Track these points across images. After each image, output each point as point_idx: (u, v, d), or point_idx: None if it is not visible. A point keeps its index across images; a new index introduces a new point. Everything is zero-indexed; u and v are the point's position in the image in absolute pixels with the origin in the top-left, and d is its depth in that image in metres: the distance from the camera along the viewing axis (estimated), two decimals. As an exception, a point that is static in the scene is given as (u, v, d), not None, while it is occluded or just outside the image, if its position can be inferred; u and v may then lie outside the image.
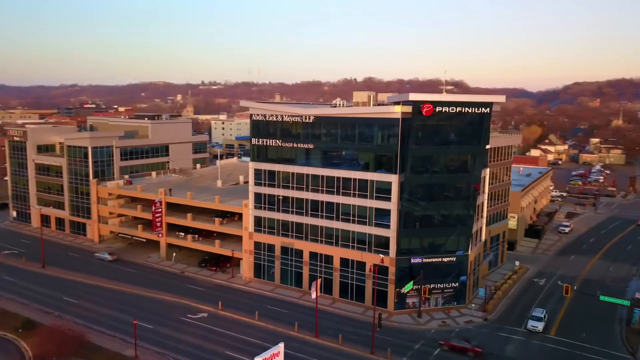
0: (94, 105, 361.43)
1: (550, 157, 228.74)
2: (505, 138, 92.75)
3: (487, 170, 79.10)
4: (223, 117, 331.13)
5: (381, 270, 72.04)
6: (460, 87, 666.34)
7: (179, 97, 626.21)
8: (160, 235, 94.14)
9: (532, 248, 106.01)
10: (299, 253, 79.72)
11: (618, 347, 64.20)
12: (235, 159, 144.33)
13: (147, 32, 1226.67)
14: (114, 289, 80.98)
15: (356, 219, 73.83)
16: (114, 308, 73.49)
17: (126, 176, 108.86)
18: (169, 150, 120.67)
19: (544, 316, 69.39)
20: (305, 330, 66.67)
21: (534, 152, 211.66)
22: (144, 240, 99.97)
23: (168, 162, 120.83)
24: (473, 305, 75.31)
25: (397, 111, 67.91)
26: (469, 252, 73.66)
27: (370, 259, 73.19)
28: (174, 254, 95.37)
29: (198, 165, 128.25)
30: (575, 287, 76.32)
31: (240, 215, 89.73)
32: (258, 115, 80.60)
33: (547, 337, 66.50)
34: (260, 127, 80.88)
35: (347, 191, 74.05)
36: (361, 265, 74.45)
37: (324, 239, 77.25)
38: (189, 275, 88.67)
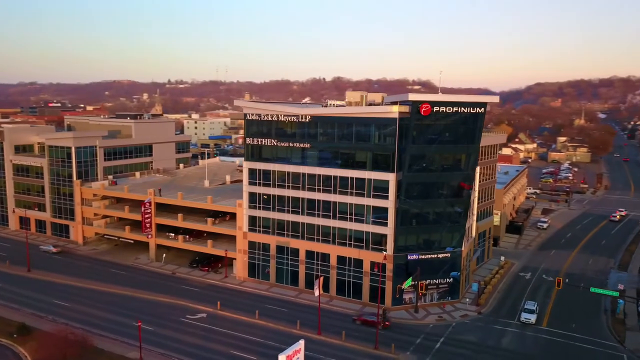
0: (59, 104, 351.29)
1: (521, 155, 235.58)
2: (491, 137, 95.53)
3: (478, 168, 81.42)
4: (195, 116, 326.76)
5: (379, 267, 73.25)
6: (427, 87, 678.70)
7: (145, 95, 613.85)
8: (149, 236, 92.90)
9: (514, 244, 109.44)
10: (295, 252, 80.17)
11: (606, 336, 67.32)
12: (217, 158, 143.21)
13: (109, 30, 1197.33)
14: (106, 292, 79.61)
15: (353, 217, 74.85)
16: (109, 310, 72.33)
17: (110, 177, 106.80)
18: (152, 150, 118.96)
19: (536, 308, 72.12)
20: (307, 328, 67.26)
21: (505, 151, 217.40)
22: (132, 241, 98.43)
23: (151, 162, 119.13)
24: (467, 299, 77.48)
25: (394, 111, 69.25)
26: (463, 248, 75.78)
27: (368, 256, 74.37)
28: (164, 255, 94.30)
29: (181, 165, 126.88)
30: (567, 280, 79.42)
31: (232, 215, 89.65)
32: (253, 115, 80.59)
33: (540, 328, 69.14)
34: (254, 127, 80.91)
35: (344, 190, 74.98)
36: (358, 262, 75.52)
37: (320, 238, 77.96)
38: (181, 276, 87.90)
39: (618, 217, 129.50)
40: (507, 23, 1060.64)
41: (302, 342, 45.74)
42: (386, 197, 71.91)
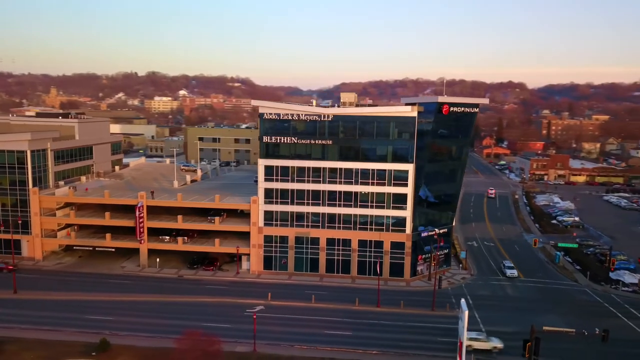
0: None
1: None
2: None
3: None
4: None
5: (398, 245, 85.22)
6: (247, 84, 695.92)
7: None
8: (142, 241, 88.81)
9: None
10: (316, 240, 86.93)
11: (563, 278, 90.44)
12: (143, 159, 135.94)
13: None
14: (138, 300, 75.82)
15: (375, 204, 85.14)
16: (167, 317, 70.12)
17: (61, 182, 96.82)
18: (92, 152, 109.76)
19: (514, 266, 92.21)
20: (364, 304, 75.80)
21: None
22: (113, 249, 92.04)
23: (92, 164, 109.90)
24: (455, 266, 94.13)
25: (413, 111, 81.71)
26: (454, 224, 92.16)
27: (388, 237, 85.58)
28: (157, 260, 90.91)
29: (117, 168, 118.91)
30: (540, 240, 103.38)
31: (229, 212, 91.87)
32: (271, 114, 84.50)
33: (521, 279, 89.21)
34: (272, 126, 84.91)
35: (365, 180, 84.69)
36: (379, 244, 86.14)
37: (341, 225, 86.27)
38: (190, 277, 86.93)
39: (494, 194, 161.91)
40: (313, 23, 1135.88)
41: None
42: (405, 185, 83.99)
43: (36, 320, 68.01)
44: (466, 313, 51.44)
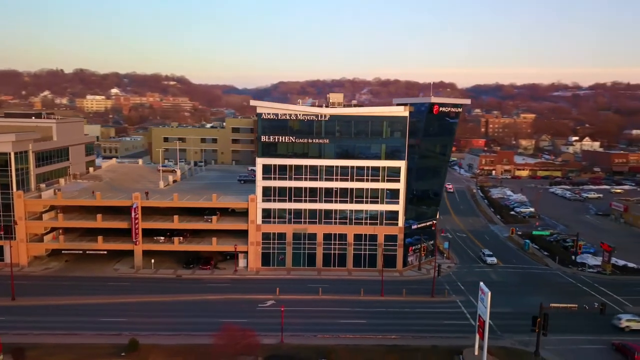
0: None
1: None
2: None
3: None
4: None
5: (392, 238, 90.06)
6: (182, 82, 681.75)
7: None
8: (137, 243, 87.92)
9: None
10: (313, 236, 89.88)
11: (535, 264, 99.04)
12: (113, 160, 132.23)
13: None
14: (136, 302, 75.37)
15: (369, 199, 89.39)
16: (182, 316, 70.73)
17: (43, 185, 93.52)
18: (69, 153, 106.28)
19: (492, 253, 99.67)
20: (368, 294, 79.83)
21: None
22: (105, 252, 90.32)
23: (69, 166, 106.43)
24: (444, 256, 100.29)
25: (406, 111, 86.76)
26: (437, 218, 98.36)
27: (382, 230, 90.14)
28: (152, 261, 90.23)
29: (91, 169, 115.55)
30: (517, 229, 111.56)
31: (222, 211, 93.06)
32: (269, 114, 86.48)
33: (500, 265, 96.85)
34: (270, 126, 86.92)
35: (360, 177, 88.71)
36: (373, 237, 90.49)
37: (337, 220, 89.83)
38: (189, 277, 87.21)
39: (452, 189, 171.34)
40: (248, 22, 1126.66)
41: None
42: (398, 181, 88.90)
43: (47, 326, 66.42)
44: (489, 294, 56.87)
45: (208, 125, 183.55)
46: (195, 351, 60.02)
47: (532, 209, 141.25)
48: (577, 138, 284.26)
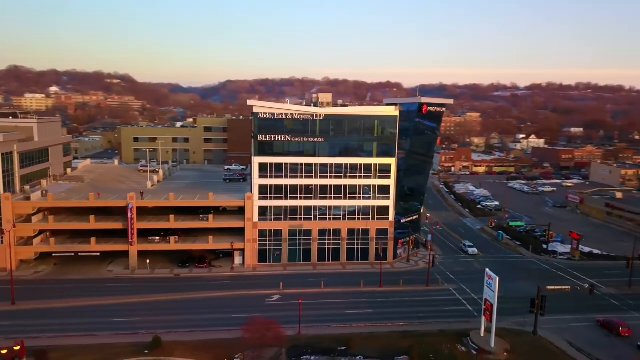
0: None
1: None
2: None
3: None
4: None
5: (383, 232, 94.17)
6: (126, 80, 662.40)
7: None
8: (132, 243, 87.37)
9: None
10: (308, 232, 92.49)
11: (510, 253, 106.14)
12: (88, 161, 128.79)
13: None
14: (143, 302, 75.51)
15: (362, 195, 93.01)
16: (186, 313, 71.47)
17: (27, 187, 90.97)
18: (49, 154, 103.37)
19: (473, 244, 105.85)
20: (368, 285, 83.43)
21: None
22: (98, 254, 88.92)
23: (49, 167, 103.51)
24: (427, 248, 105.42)
25: (396, 111, 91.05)
26: (421, 212, 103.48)
27: (373, 225, 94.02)
28: (148, 261, 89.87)
29: (69, 170, 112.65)
30: (495, 221, 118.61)
31: (216, 210, 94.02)
32: (265, 114, 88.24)
33: (481, 255, 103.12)
34: (266, 125, 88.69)
35: (353, 174, 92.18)
36: (365, 231, 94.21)
37: (332, 216, 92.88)
38: (187, 276, 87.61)
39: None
40: (195, 19, 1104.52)
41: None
42: (389, 177, 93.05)
43: (59, 328, 65.70)
44: (497, 280, 61.75)
45: (178, 125, 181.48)
46: (218, 345, 61.42)
47: (497, 203, 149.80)
48: (523, 136, 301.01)
